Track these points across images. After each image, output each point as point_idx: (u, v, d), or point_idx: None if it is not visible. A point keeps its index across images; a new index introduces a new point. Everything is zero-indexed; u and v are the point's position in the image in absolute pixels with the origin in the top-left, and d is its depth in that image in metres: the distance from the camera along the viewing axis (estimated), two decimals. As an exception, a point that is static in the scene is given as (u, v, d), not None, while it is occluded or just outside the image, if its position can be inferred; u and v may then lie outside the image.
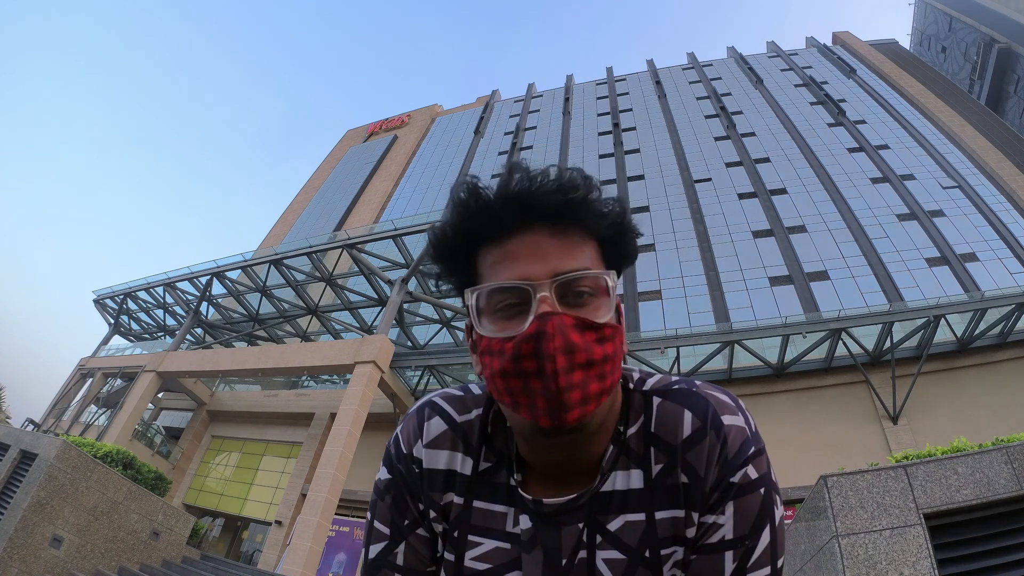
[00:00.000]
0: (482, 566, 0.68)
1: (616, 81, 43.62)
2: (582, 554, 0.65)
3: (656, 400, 0.68)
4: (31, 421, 23.32)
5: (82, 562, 7.33)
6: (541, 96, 45.14)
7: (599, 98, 41.15)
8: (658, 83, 40.25)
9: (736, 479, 0.63)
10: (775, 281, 20.79)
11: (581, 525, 0.66)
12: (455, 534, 0.70)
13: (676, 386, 0.69)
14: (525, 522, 0.67)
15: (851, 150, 27.78)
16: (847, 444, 14.91)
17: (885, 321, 15.46)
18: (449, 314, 19.60)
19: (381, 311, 19.20)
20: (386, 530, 0.72)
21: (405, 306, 19.76)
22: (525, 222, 0.62)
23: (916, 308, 15.79)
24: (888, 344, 15.59)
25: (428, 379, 19.28)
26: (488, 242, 0.64)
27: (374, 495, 0.75)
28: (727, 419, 0.65)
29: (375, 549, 0.72)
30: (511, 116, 42.42)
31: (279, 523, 18.20)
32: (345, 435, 14.68)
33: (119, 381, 22.40)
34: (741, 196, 25.86)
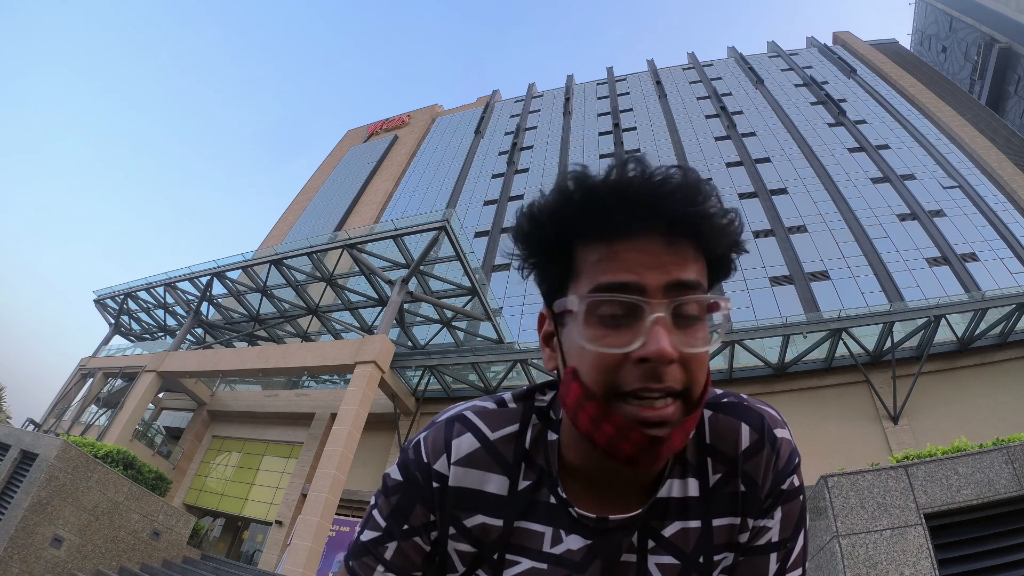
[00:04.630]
0: None
1: (616, 81, 43.61)
2: (630, 558, 0.65)
3: (708, 413, 0.68)
4: (32, 421, 23.33)
5: (83, 562, 7.33)
6: (542, 96, 45.14)
7: (600, 98, 41.14)
8: (658, 83, 40.24)
9: (785, 486, 0.67)
10: (775, 281, 20.78)
11: (636, 541, 0.65)
12: (494, 556, 0.66)
13: (725, 399, 0.69)
14: (574, 541, 0.64)
15: (851, 150, 27.77)
16: (848, 444, 14.90)
17: (885, 321, 15.45)
18: (449, 314, 19.60)
19: (381, 311, 19.20)
20: (383, 523, 0.70)
21: (405, 306, 19.75)
22: (639, 225, 0.55)
23: (916, 308, 15.78)
24: (888, 344, 15.58)
25: (428, 379, 19.28)
26: (592, 237, 0.57)
27: (380, 488, 0.72)
28: (779, 432, 0.68)
29: (368, 535, 0.70)
30: (511, 116, 42.42)
31: (279, 523, 18.20)
32: (345, 435, 14.68)
33: (119, 381, 22.41)
34: (741, 196, 25.85)
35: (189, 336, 23.51)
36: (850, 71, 36.09)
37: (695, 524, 0.65)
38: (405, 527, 0.68)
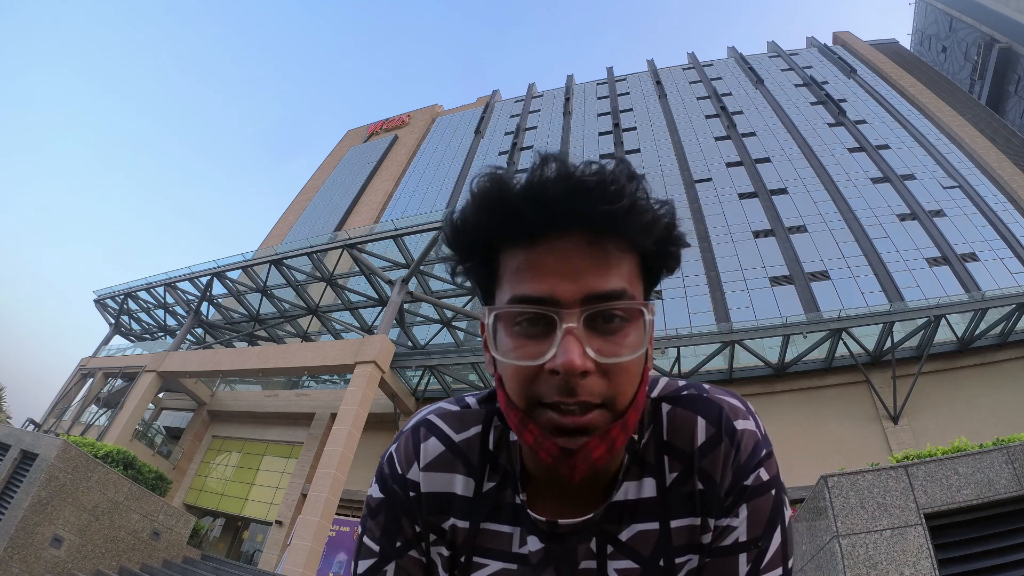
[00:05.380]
0: None
1: (617, 81, 43.62)
2: (590, 564, 0.63)
3: (666, 407, 0.65)
4: (32, 421, 23.34)
5: (83, 562, 7.33)
6: (542, 96, 45.14)
7: (600, 98, 41.14)
8: (659, 83, 40.25)
9: (749, 482, 0.62)
10: (776, 281, 20.78)
11: (593, 540, 0.64)
12: (462, 559, 0.66)
13: (685, 392, 0.66)
14: (534, 543, 0.64)
15: (852, 150, 27.76)
16: (848, 444, 14.90)
17: (886, 321, 15.46)
18: (449, 314, 19.60)
19: (381, 311, 19.20)
20: (375, 547, 0.68)
21: (405, 306, 19.76)
22: (557, 228, 0.53)
23: (917, 308, 15.78)
24: (889, 344, 15.58)
25: (428, 379, 19.29)
26: (512, 243, 0.56)
27: (365, 511, 0.70)
28: (739, 423, 0.64)
29: (363, 565, 0.68)
30: (511, 116, 42.42)
31: (279, 523, 18.21)
32: (345, 435, 14.68)
33: (120, 381, 22.41)
34: (741, 196, 25.85)
35: (189, 336, 23.51)
36: (850, 71, 36.10)
37: (653, 526, 0.63)
38: (399, 544, 0.67)
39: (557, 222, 0.53)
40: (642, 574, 0.63)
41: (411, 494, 0.67)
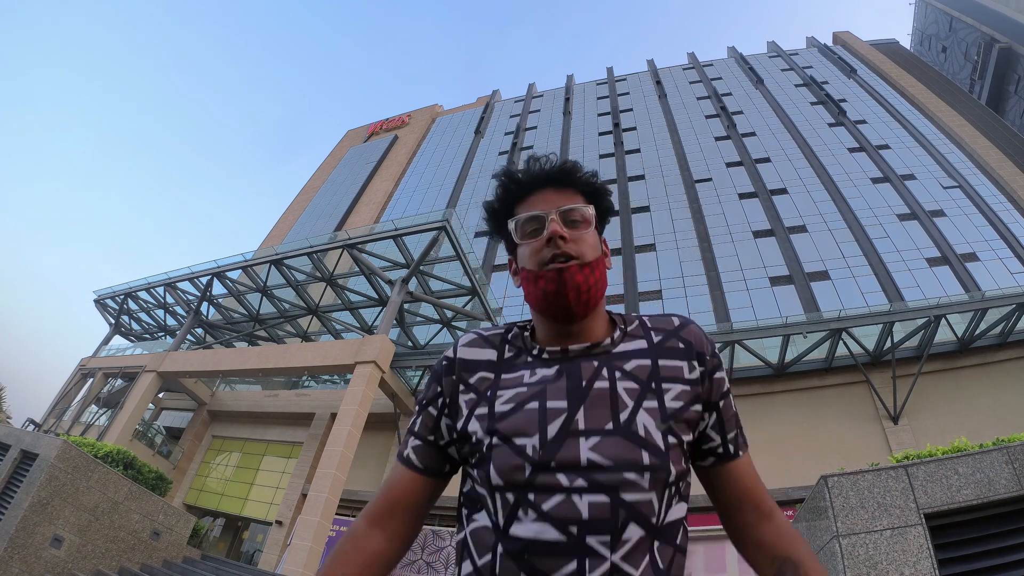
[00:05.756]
0: (508, 405, 0.89)
1: (617, 81, 43.62)
2: (603, 384, 0.89)
3: (644, 317, 1.01)
4: (32, 421, 23.34)
5: (83, 562, 7.33)
6: (542, 96, 45.15)
7: (600, 98, 41.15)
8: (659, 83, 40.25)
9: (718, 354, 0.98)
10: (775, 281, 20.78)
11: (596, 363, 0.91)
12: (488, 394, 0.92)
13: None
14: (545, 371, 0.92)
15: (852, 150, 27.77)
16: (848, 444, 14.90)
17: (886, 321, 15.46)
18: (449, 314, 19.60)
19: (382, 311, 19.20)
20: (417, 408, 1.01)
21: (405, 306, 19.75)
22: (540, 186, 1.00)
23: (917, 308, 15.78)
24: (889, 344, 15.58)
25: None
26: (519, 203, 1.01)
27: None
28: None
29: (411, 420, 1.02)
30: (511, 116, 42.42)
31: (279, 523, 18.20)
32: (345, 435, 14.68)
33: (120, 381, 22.41)
34: (741, 196, 25.85)
35: (189, 336, 23.51)
36: (850, 71, 36.10)
37: (645, 362, 0.92)
38: (424, 401, 1.00)
39: (539, 183, 1.00)
40: (640, 391, 0.88)
41: (446, 364, 0.99)
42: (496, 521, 0.83)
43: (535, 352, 0.95)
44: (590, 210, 0.98)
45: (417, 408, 1.01)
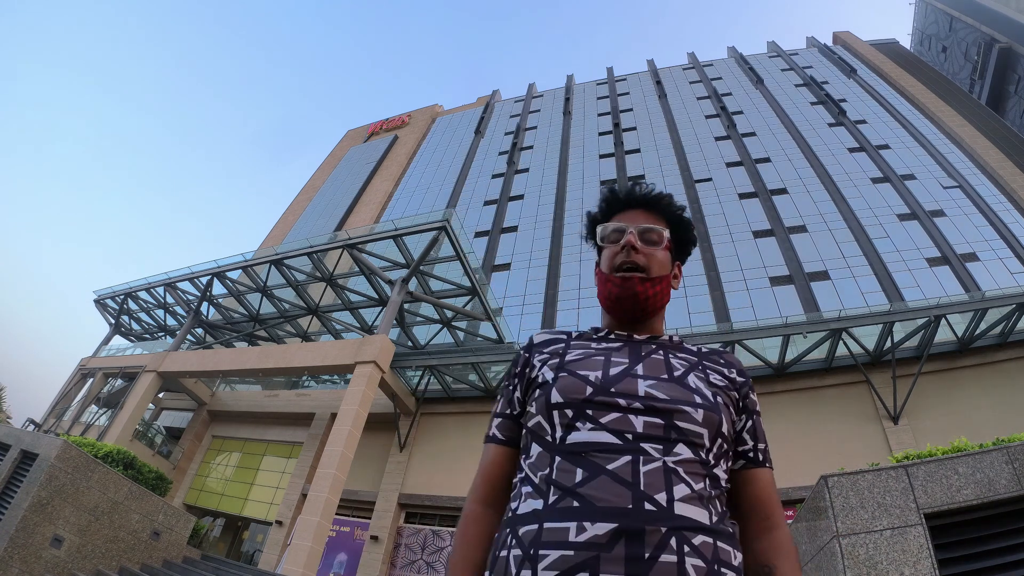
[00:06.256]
0: (577, 356, 1.03)
1: (617, 81, 43.62)
2: (659, 356, 1.02)
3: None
4: (32, 421, 23.34)
5: (83, 562, 7.33)
6: (542, 96, 45.13)
7: (600, 98, 41.14)
8: (659, 83, 40.24)
9: (745, 378, 1.09)
10: (775, 281, 20.78)
11: (654, 346, 1.06)
12: (560, 353, 1.06)
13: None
14: (611, 342, 1.08)
15: (852, 150, 27.76)
16: (847, 444, 14.89)
17: (886, 321, 15.45)
18: (449, 314, 19.60)
19: (382, 311, 19.20)
20: (499, 395, 1.15)
21: (406, 306, 19.75)
22: (633, 207, 1.19)
23: (917, 308, 15.77)
24: (889, 344, 15.58)
25: (428, 379, 19.28)
26: (613, 217, 1.19)
27: None
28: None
29: (493, 410, 1.14)
30: (511, 116, 42.41)
31: (279, 523, 18.20)
32: (346, 435, 14.68)
33: (120, 381, 22.41)
34: (741, 196, 25.85)
35: (189, 336, 23.51)
36: (850, 71, 36.09)
37: (695, 358, 1.06)
38: (506, 382, 1.14)
39: (633, 203, 1.19)
40: (691, 365, 1.02)
41: (527, 347, 1.15)
42: (554, 438, 0.92)
43: (602, 334, 1.12)
44: (666, 232, 1.14)
45: (499, 395, 1.15)
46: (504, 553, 0.85)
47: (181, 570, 8.84)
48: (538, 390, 1.00)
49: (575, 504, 0.82)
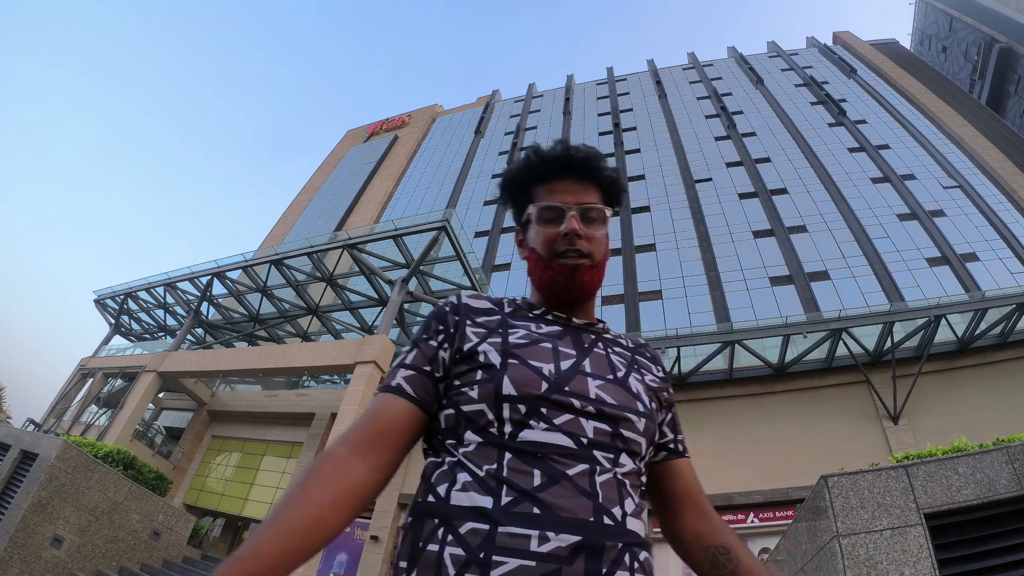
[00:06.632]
0: (522, 340, 0.94)
1: (617, 81, 43.62)
2: (600, 351, 0.97)
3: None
4: (32, 421, 23.34)
5: (83, 562, 7.34)
6: (542, 96, 45.14)
7: (600, 98, 41.15)
8: (659, 83, 40.25)
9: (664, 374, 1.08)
10: (776, 281, 20.78)
11: (592, 336, 1.01)
12: (499, 329, 0.96)
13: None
14: (549, 326, 1.00)
15: (852, 150, 27.77)
16: (847, 444, 14.89)
17: (886, 321, 15.46)
18: (449, 314, 19.58)
19: (382, 311, 19.20)
20: (409, 345, 1.00)
21: (406, 306, 19.75)
22: (564, 174, 1.04)
23: (917, 308, 15.78)
24: (889, 344, 15.58)
25: (428, 379, 19.26)
26: (539, 182, 1.06)
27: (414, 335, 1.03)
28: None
29: (399, 359, 0.99)
30: (511, 116, 42.42)
31: (279, 523, 18.19)
32: (345, 435, 14.66)
33: (120, 381, 22.41)
34: (742, 196, 25.85)
35: (189, 336, 23.51)
36: (850, 71, 36.10)
37: (628, 353, 1.03)
38: (424, 335, 0.98)
39: (564, 171, 1.04)
40: (628, 362, 0.99)
41: (455, 307, 1.01)
42: (501, 432, 0.85)
43: (539, 312, 1.04)
44: (607, 211, 1.05)
45: (410, 346, 0.99)
46: (435, 548, 0.75)
47: (181, 570, 8.85)
48: (480, 371, 0.90)
49: (536, 511, 0.77)
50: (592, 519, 0.77)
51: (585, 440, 0.84)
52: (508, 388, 0.86)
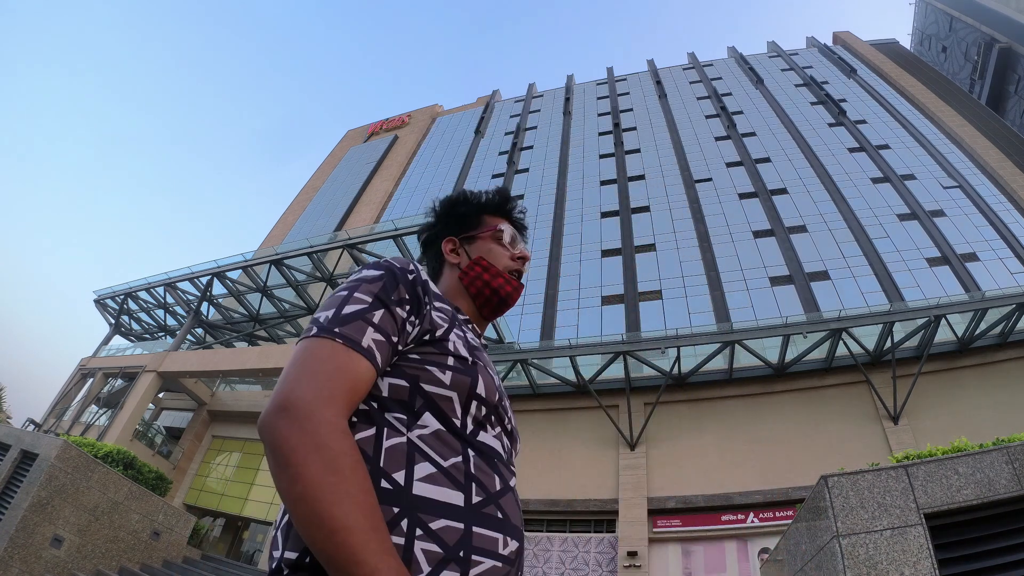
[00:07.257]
0: (474, 343, 0.96)
1: (617, 81, 43.61)
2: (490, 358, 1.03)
3: None
4: (32, 421, 23.33)
5: (83, 562, 7.34)
6: (542, 96, 45.12)
7: (600, 98, 41.13)
8: (659, 83, 40.24)
9: None
10: (775, 281, 20.77)
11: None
12: (453, 324, 0.94)
13: None
14: (475, 337, 1.01)
15: (852, 150, 27.76)
16: (848, 444, 14.89)
17: (886, 321, 15.45)
18: (449, 314, 19.59)
19: (381, 311, 19.18)
20: (368, 299, 0.85)
21: (405, 306, 19.71)
22: (523, 229, 1.26)
23: (917, 308, 15.77)
24: (889, 344, 15.58)
25: (428, 379, 19.26)
26: (502, 216, 1.22)
27: (359, 278, 0.89)
28: None
29: (351, 308, 0.83)
30: (512, 116, 42.40)
31: (280, 523, 18.18)
32: (345, 435, 14.67)
33: (120, 381, 22.41)
34: (742, 196, 25.84)
35: (189, 336, 23.51)
36: (850, 71, 36.09)
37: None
38: (393, 297, 0.86)
39: (522, 227, 1.26)
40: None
41: (412, 275, 0.92)
42: (463, 424, 0.85)
43: (464, 318, 1.05)
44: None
45: (372, 299, 0.85)
46: (399, 540, 0.71)
47: (181, 570, 8.85)
48: (452, 359, 0.86)
49: (499, 515, 0.81)
50: (520, 526, 0.87)
51: (507, 454, 0.93)
52: (481, 389, 0.87)
